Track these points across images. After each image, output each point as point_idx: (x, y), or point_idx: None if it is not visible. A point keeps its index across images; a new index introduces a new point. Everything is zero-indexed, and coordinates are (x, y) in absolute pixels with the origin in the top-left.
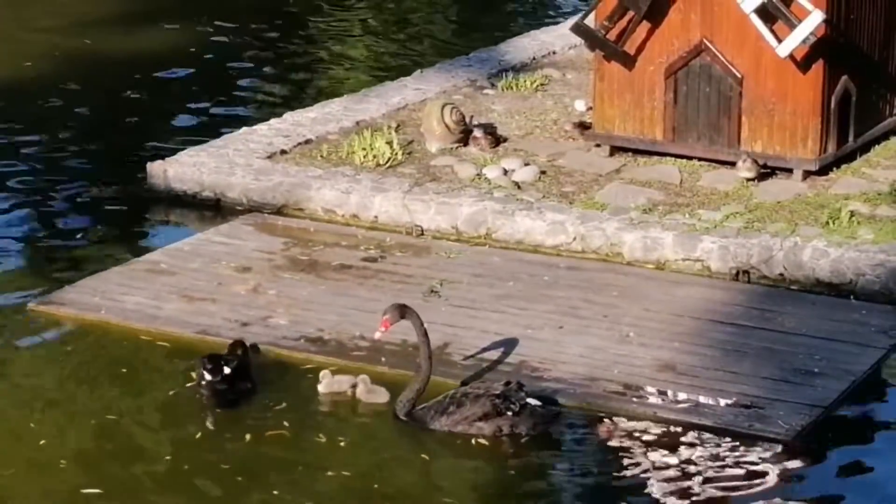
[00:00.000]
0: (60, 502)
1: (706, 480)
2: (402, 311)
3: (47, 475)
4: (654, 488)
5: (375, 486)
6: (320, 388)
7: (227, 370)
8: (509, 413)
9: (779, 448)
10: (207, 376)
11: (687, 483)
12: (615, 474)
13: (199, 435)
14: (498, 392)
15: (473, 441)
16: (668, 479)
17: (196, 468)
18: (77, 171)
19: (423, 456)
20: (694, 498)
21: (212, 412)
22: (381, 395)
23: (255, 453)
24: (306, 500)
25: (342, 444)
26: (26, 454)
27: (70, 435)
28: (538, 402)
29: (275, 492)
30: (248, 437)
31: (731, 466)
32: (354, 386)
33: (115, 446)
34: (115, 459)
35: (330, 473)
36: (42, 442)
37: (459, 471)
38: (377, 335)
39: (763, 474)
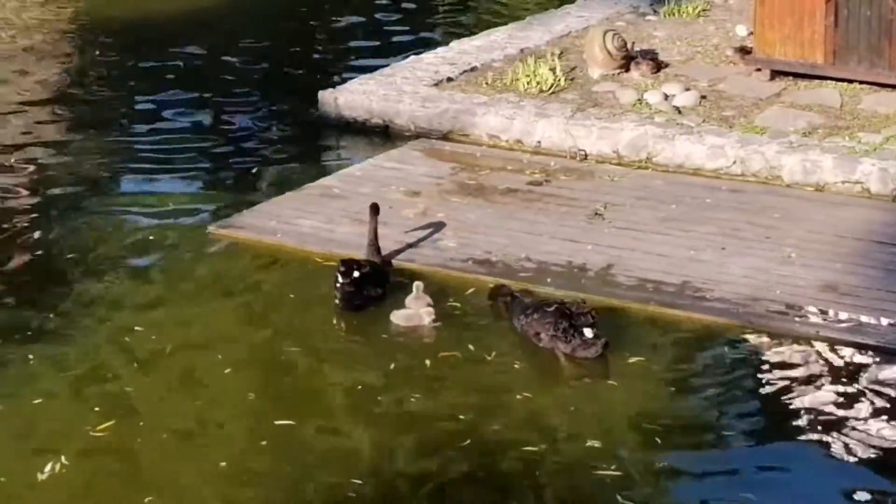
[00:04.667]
0: (258, 436)
1: (871, 398)
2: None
3: (236, 408)
4: (818, 405)
5: (571, 408)
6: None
7: (356, 274)
8: (561, 334)
9: None
10: (340, 279)
11: (850, 401)
12: (780, 395)
13: (392, 365)
14: (565, 312)
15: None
16: (832, 399)
17: (384, 393)
18: (252, 100)
19: (610, 382)
20: (856, 415)
21: (388, 335)
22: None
23: (432, 375)
24: (493, 422)
25: (517, 366)
26: (212, 385)
27: (251, 364)
28: (590, 334)
29: (461, 416)
30: (427, 362)
31: (894, 385)
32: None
33: (298, 373)
34: (300, 388)
35: (518, 397)
36: (227, 371)
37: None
38: None
39: None
